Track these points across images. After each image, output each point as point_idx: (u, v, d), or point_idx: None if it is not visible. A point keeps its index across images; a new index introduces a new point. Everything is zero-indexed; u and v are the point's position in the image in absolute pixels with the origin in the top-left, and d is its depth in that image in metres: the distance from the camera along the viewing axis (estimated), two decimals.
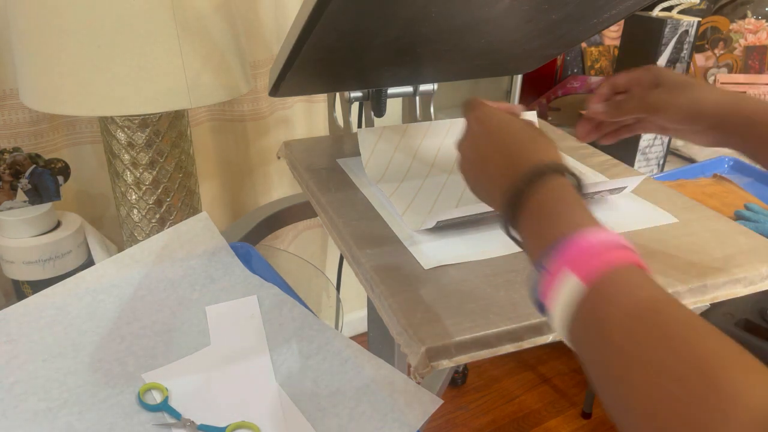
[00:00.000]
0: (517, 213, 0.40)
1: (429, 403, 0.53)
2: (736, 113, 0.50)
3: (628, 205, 0.66)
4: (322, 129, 1.34)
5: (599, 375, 0.31)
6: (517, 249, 0.58)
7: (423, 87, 0.90)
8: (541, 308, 0.36)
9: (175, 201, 0.89)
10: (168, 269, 0.69)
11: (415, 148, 0.77)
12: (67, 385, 0.55)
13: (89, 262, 0.91)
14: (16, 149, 0.86)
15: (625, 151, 1.14)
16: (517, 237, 0.41)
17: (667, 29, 1.07)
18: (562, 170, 0.40)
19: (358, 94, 0.88)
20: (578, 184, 0.41)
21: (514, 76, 1.45)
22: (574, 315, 0.32)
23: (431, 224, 0.58)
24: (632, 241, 0.35)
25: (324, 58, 0.64)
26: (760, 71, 1.48)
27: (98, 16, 0.69)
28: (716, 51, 1.50)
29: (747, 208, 1.00)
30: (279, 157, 0.83)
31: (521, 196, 0.39)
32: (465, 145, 0.49)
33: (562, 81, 1.48)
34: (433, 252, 0.56)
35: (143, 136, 0.82)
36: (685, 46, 1.10)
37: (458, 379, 1.61)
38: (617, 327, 0.30)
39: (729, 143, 0.53)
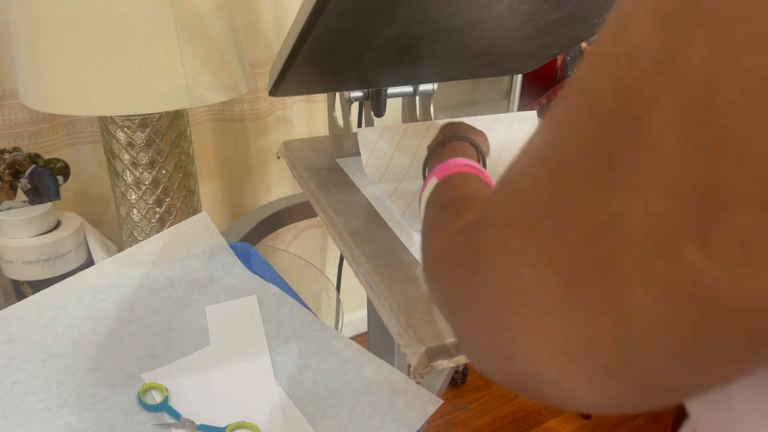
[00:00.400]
0: (428, 165, 0.57)
1: (429, 403, 0.53)
2: None
3: None
4: (321, 129, 1.34)
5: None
6: None
7: (423, 87, 0.90)
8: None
9: (174, 201, 0.89)
10: (168, 269, 0.69)
11: (415, 148, 0.77)
12: (67, 385, 0.55)
13: (89, 262, 0.91)
14: (15, 149, 0.86)
15: None
16: None
17: None
18: (466, 139, 0.58)
19: (358, 94, 0.88)
20: (478, 149, 0.59)
21: (514, 76, 1.46)
22: (427, 201, 0.46)
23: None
24: None
25: (324, 58, 0.64)
26: None
27: (98, 16, 0.69)
28: None
29: None
30: (279, 157, 0.83)
31: (434, 151, 0.57)
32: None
33: (562, 81, 1.48)
34: None
35: (143, 136, 0.82)
36: None
37: (458, 379, 1.61)
38: (437, 190, 0.45)
39: None
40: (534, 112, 0.84)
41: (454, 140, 0.58)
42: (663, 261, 0.17)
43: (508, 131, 0.82)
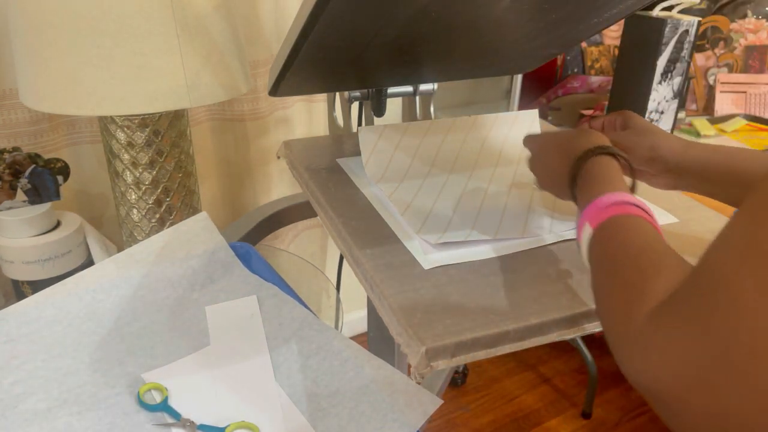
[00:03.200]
0: (575, 186, 0.51)
1: (429, 403, 0.53)
2: (688, 160, 0.56)
3: None
4: (322, 129, 1.34)
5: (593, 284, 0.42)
6: (516, 249, 0.58)
7: (423, 87, 0.90)
8: None
9: (174, 201, 0.89)
10: (168, 269, 0.69)
11: (416, 147, 0.77)
12: (67, 385, 0.55)
13: (89, 262, 0.91)
14: (15, 149, 0.86)
15: None
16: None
17: (667, 29, 1.07)
18: (607, 150, 0.51)
19: (358, 94, 0.88)
20: (622, 160, 0.51)
21: (514, 76, 1.45)
22: (589, 251, 0.44)
23: (434, 240, 0.58)
24: None
25: (324, 57, 0.64)
26: (760, 71, 1.48)
27: (98, 16, 0.69)
28: (716, 50, 1.50)
29: None
30: (279, 157, 0.83)
31: (576, 173, 0.51)
32: (534, 164, 0.61)
33: (562, 81, 1.48)
34: (433, 252, 0.56)
35: (143, 136, 0.82)
36: (686, 46, 1.10)
37: (458, 379, 1.61)
38: (598, 243, 0.43)
39: (681, 186, 0.58)
40: (535, 111, 0.84)
41: (600, 154, 0.51)
42: None
43: (509, 131, 0.82)
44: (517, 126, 0.83)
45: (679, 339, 0.29)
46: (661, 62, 1.10)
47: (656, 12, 1.10)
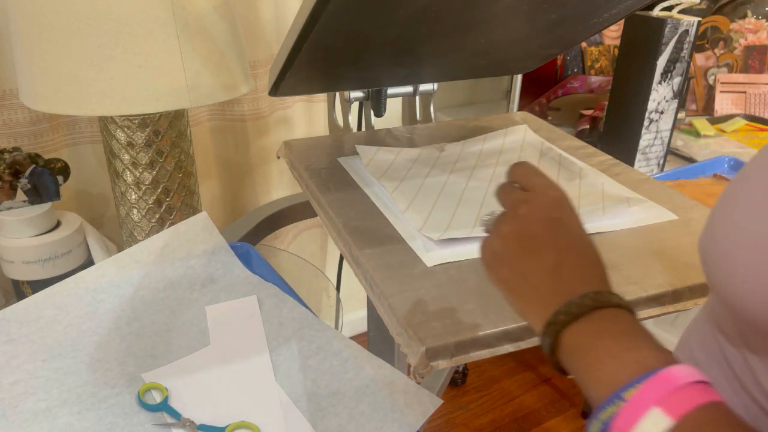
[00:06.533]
0: (562, 339, 0.38)
1: (429, 403, 0.53)
2: None
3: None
4: (322, 129, 1.34)
5: None
6: None
7: (423, 87, 0.90)
8: None
9: (175, 201, 0.89)
10: (168, 269, 0.69)
11: (416, 156, 0.77)
12: (67, 385, 0.55)
13: (89, 262, 0.91)
14: (15, 149, 0.86)
15: (625, 151, 1.14)
16: (562, 362, 0.39)
17: (667, 29, 1.07)
18: (616, 302, 0.36)
19: (358, 94, 0.88)
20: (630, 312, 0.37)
21: (514, 76, 1.45)
22: None
23: (436, 237, 0.58)
24: (633, 239, 0.37)
25: (324, 58, 0.64)
26: (760, 71, 1.48)
27: (98, 16, 0.69)
28: (716, 51, 1.50)
29: None
30: (279, 157, 0.83)
31: (569, 323, 0.37)
32: (508, 231, 0.40)
33: (562, 81, 1.48)
34: (436, 249, 0.56)
35: (143, 136, 0.82)
36: (685, 46, 1.10)
37: (458, 379, 1.61)
38: None
39: None
40: (524, 126, 0.86)
41: (603, 306, 0.36)
42: None
43: (504, 140, 0.83)
44: (510, 136, 0.84)
45: None
46: (661, 62, 1.10)
47: (656, 12, 1.10)
